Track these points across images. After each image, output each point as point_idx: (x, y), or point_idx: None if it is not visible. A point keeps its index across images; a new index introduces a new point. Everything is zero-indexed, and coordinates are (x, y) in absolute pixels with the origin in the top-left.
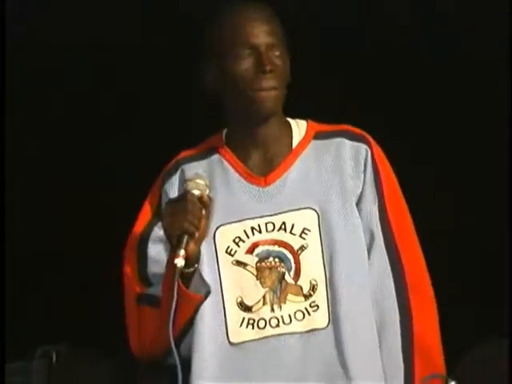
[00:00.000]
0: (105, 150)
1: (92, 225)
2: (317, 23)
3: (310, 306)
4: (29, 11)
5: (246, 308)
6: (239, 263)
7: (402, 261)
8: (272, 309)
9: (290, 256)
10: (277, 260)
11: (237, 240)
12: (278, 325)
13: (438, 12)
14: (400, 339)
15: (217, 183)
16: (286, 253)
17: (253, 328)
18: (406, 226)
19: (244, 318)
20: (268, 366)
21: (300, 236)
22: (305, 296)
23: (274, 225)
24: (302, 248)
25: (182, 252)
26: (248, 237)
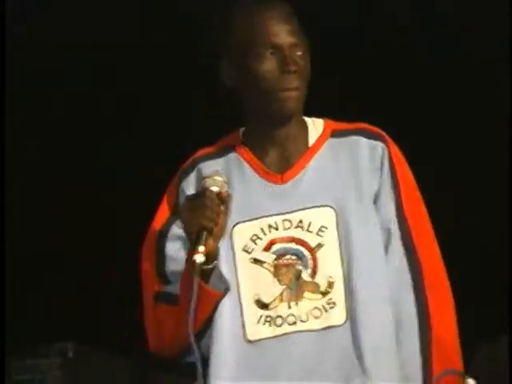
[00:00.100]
0: (105, 150)
1: (92, 225)
2: (317, 23)
3: (327, 304)
4: (29, 11)
5: (263, 305)
6: (256, 261)
7: (420, 258)
8: (289, 306)
9: (307, 253)
10: (294, 257)
11: (254, 238)
12: (295, 322)
13: (438, 12)
14: (417, 336)
15: (234, 181)
16: (303, 250)
17: (270, 325)
18: (423, 224)
19: (261, 316)
20: (285, 363)
21: (317, 233)
22: (322, 293)
23: (291, 222)
24: (319, 245)
25: (202, 248)
26: (265, 234)
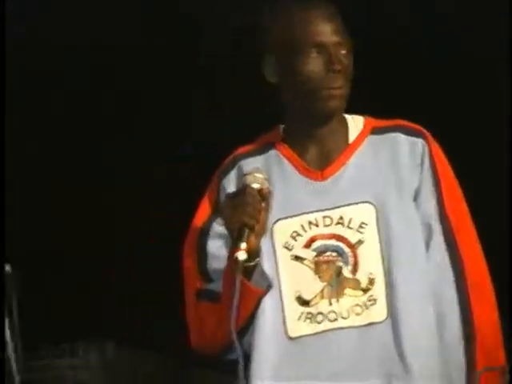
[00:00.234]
0: (105, 150)
1: (92, 225)
2: None
3: (368, 300)
4: (29, 11)
5: (304, 302)
6: (297, 258)
7: (462, 256)
8: (330, 303)
9: (348, 250)
10: (334, 254)
11: (294, 234)
12: (336, 319)
13: (438, 12)
14: (459, 333)
15: (274, 178)
16: (344, 247)
17: (311, 322)
18: (465, 222)
19: (302, 313)
20: (325, 360)
21: (357, 230)
22: (363, 290)
23: (332, 219)
24: (360, 242)
25: (244, 245)
26: (305, 231)
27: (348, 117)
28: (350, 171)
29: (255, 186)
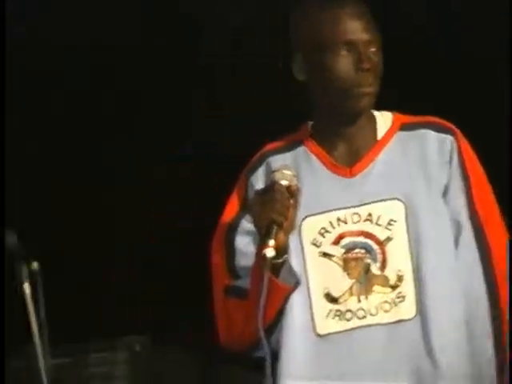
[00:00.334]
0: (105, 150)
1: (92, 225)
2: None
3: (397, 297)
4: (29, 11)
5: (333, 299)
6: (325, 255)
7: (492, 252)
8: (358, 300)
9: (376, 247)
10: (362, 251)
11: (322, 231)
12: (365, 316)
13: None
14: (490, 330)
15: (302, 175)
16: (372, 244)
17: (339, 319)
18: (495, 218)
19: (330, 310)
20: (354, 357)
21: (386, 227)
22: (391, 287)
23: (360, 216)
24: (388, 239)
25: (272, 242)
26: (334, 228)
27: (377, 113)
28: (379, 168)
29: (284, 183)
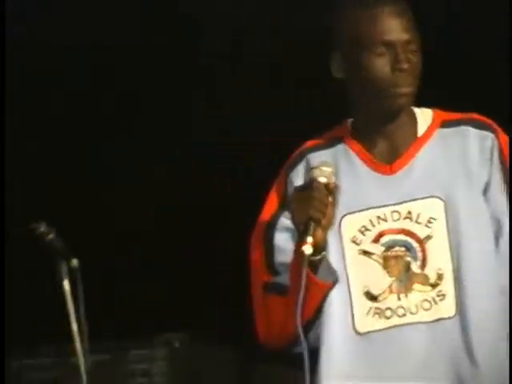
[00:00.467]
0: (105, 150)
1: (92, 225)
2: None
3: (437, 296)
4: (29, 11)
5: (372, 297)
6: (365, 252)
7: None
8: (398, 298)
9: (416, 245)
10: (402, 249)
11: (362, 229)
12: (405, 314)
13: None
14: None
15: (342, 172)
16: (412, 242)
17: (379, 317)
18: None
19: (370, 308)
20: (394, 356)
21: (426, 225)
22: (431, 285)
23: (400, 213)
24: (428, 237)
25: (310, 239)
26: (374, 226)
27: (417, 110)
28: (419, 165)
29: (322, 180)
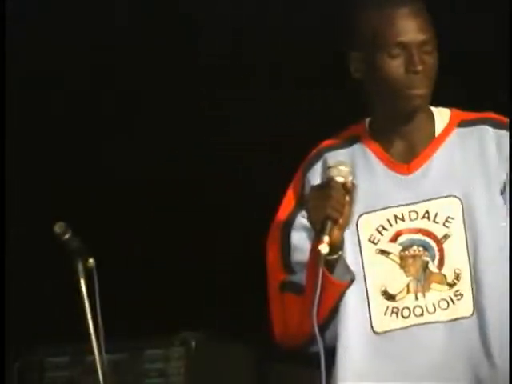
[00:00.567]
0: (105, 150)
1: (92, 225)
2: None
3: (455, 295)
4: (29, 11)
5: (390, 297)
6: (383, 252)
7: None
8: (416, 297)
9: (434, 244)
10: (420, 249)
11: (380, 228)
12: (422, 314)
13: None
14: None
15: (359, 171)
16: (430, 241)
17: (397, 317)
18: None
19: (388, 307)
20: (412, 355)
21: (443, 224)
22: (449, 285)
23: (418, 213)
24: (446, 236)
25: (326, 238)
26: (391, 225)
27: (434, 109)
28: (437, 164)
29: (339, 180)
